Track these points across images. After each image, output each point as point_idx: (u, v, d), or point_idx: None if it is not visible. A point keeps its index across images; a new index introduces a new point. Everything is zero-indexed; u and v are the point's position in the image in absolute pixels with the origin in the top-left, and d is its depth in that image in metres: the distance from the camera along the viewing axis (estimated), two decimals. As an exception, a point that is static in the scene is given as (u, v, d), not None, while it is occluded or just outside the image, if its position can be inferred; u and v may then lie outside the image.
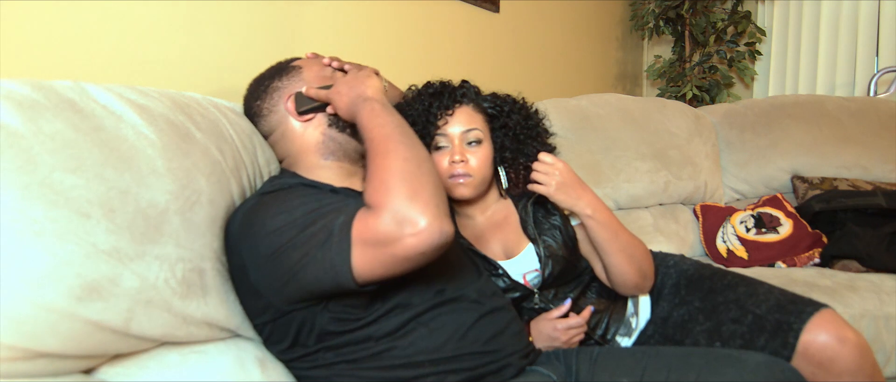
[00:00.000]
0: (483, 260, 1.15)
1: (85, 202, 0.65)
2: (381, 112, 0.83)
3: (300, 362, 0.85)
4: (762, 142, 2.07)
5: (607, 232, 1.08)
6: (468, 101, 1.17)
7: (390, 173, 0.73)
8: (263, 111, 1.00)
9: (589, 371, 1.02)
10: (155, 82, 1.10)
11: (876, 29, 2.58)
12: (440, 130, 1.13)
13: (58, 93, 0.71)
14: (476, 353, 0.87)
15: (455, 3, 1.92)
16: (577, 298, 1.16)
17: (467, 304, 0.91)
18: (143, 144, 0.76)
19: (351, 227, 0.72)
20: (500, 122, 1.18)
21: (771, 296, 1.08)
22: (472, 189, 1.13)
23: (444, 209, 0.73)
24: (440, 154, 1.13)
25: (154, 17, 1.14)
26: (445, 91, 1.16)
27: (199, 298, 0.77)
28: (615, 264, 1.10)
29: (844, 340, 0.98)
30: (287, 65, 1.02)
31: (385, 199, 0.71)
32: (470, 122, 1.14)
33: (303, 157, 0.97)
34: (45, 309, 0.61)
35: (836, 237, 1.74)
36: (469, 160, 1.11)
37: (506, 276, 1.14)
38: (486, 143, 1.15)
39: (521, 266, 1.15)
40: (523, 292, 1.14)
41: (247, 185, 0.94)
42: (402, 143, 0.77)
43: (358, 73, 0.92)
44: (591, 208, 1.07)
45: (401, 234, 0.69)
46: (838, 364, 0.97)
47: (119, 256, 0.67)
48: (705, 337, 1.09)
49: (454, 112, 1.14)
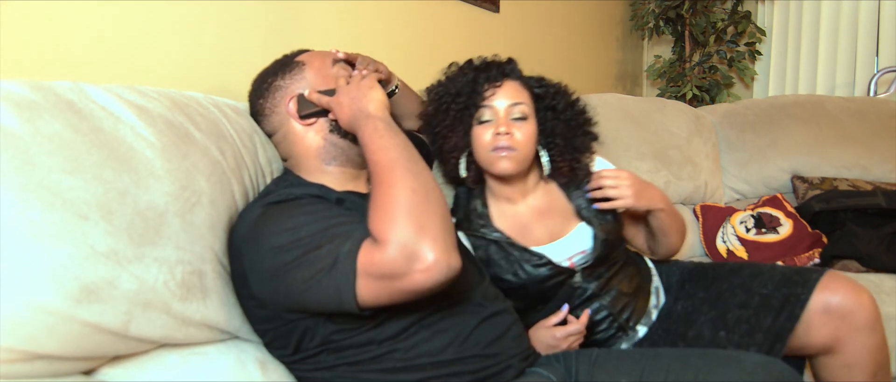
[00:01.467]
0: (523, 252, 1.12)
1: (83, 203, 0.65)
2: (384, 132, 0.80)
3: (301, 364, 0.85)
4: (762, 142, 2.07)
5: (672, 220, 1.18)
6: (515, 77, 1.16)
7: (396, 205, 0.71)
8: (266, 110, 0.99)
9: (588, 372, 1.02)
10: (155, 81, 1.10)
11: (876, 29, 2.58)
12: (486, 102, 1.11)
13: (56, 94, 0.71)
14: (477, 356, 0.87)
15: (455, 3, 1.92)
16: (610, 279, 1.17)
17: (470, 308, 0.91)
18: (141, 145, 0.75)
19: (356, 258, 0.71)
20: (545, 103, 1.16)
21: (776, 273, 1.10)
22: (515, 163, 1.10)
23: (453, 242, 0.72)
24: (483, 127, 1.11)
25: (154, 17, 1.13)
26: (493, 65, 1.16)
27: (199, 301, 0.77)
28: (672, 244, 1.22)
29: (859, 294, 1.05)
30: (290, 60, 1.00)
31: (392, 233, 0.69)
32: (517, 97, 1.12)
33: (305, 161, 0.96)
34: (43, 312, 0.61)
35: (836, 237, 1.73)
36: (514, 133, 1.09)
37: (549, 264, 1.12)
38: (531, 121, 1.13)
39: (567, 248, 1.15)
40: (567, 275, 1.14)
41: (249, 185, 0.93)
42: (408, 172, 0.75)
43: (360, 84, 0.89)
44: (664, 202, 1.16)
45: (408, 270, 0.68)
46: (858, 317, 1.03)
47: (117, 258, 0.67)
48: (709, 327, 1.09)
49: (502, 84, 1.12)
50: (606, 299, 1.15)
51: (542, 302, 1.17)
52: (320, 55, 1.00)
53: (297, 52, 1.02)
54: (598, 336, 1.17)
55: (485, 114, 1.11)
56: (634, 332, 1.17)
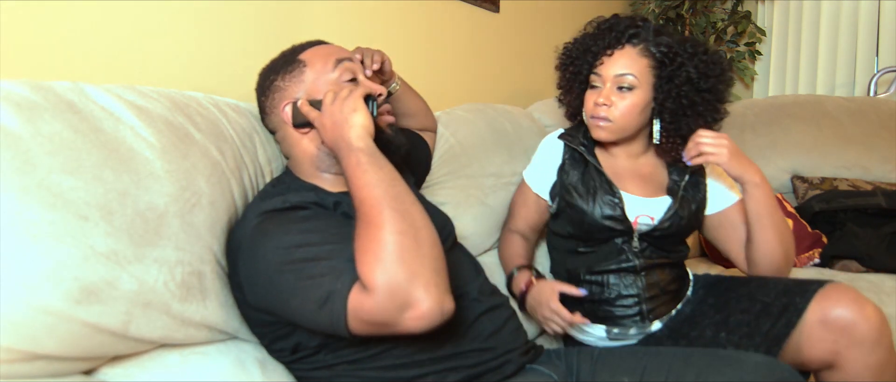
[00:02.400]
0: (605, 184, 1.17)
1: (83, 204, 0.65)
2: (368, 167, 0.76)
3: (300, 363, 0.85)
4: (762, 142, 2.07)
5: (769, 204, 1.10)
6: (637, 42, 1.14)
7: (384, 250, 0.68)
8: (267, 109, 0.97)
9: (590, 370, 1.02)
10: (154, 81, 1.10)
11: (876, 29, 2.57)
12: (596, 69, 1.15)
13: (56, 94, 0.71)
14: (475, 350, 0.88)
15: (455, 3, 1.92)
16: (656, 266, 1.18)
17: (467, 303, 0.91)
18: (141, 146, 0.75)
19: (346, 301, 0.69)
20: (667, 72, 1.13)
21: (780, 285, 1.10)
22: (609, 133, 1.15)
23: (445, 284, 0.70)
24: (591, 92, 1.17)
25: (153, 17, 1.13)
26: (614, 29, 1.15)
27: (199, 301, 0.77)
28: (767, 240, 1.12)
29: (863, 307, 0.99)
30: (293, 58, 0.96)
31: (381, 281, 0.66)
32: (628, 66, 1.13)
33: (301, 164, 0.95)
34: (43, 312, 0.61)
35: (836, 237, 1.73)
36: (615, 104, 1.12)
37: (620, 206, 1.15)
38: (640, 91, 1.13)
39: (641, 207, 1.17)
40: (625, 227, 1.16)
41: (248, 186, 0.93)
42: (395, 211, 0.71)
43: (343, 104, 0.84)
44: (759, 176, 1.10)
45: (400, 318, 0.67)
46: (859, 331, 0.98)
47: (117, 259, 0.67)
48: (712, 329, 1.10)
49: (614, 53, 1.14)
50: (642, 280, 1.17)
51: (588, 243, 1.19)
52: (323, 55, 0.95)
53: (303, 45, 0.98)
54: (617, 310, 1.17)
55: (595, 81, 1.16)
56: (649, 324, 1.18)
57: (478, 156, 1.39)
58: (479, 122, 1.46)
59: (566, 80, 1.23)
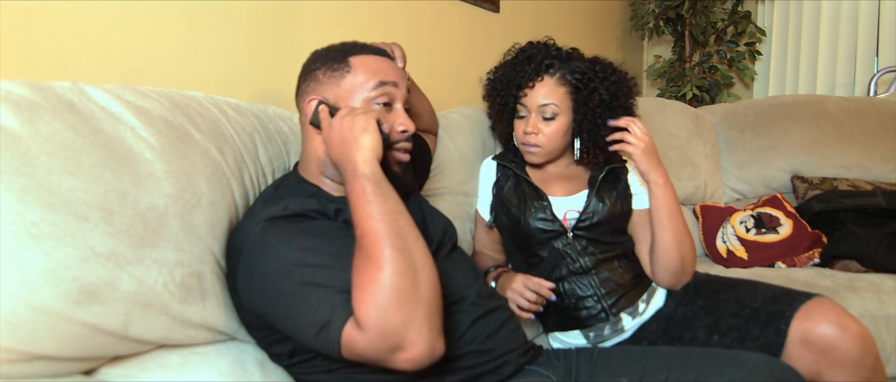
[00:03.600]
0: (535, 191, 1.27)
1: (83, 205, 0.65)
2: (372, 197, 0.74)
3: (299, 367, 0.85)
4: (762, 142, 2.07)
5: (670, 207, 1.18)
6: (554, 72, 1.22)
7: (381, 291, 0.67)
8: (300, 91, 0.94)
9: (589, 371, 1.02)
10: (154, 82, 1.10)
11: (876, 29, 2.57)
12: (520, 100, 1.24)
13: (56, 95, 0.71)
14: (473, 353, 0.88)
15: (455, 3, 1.92)
16: (603, 262, 1.24)
17: (465, 306, 0.91)
18: (141, 147, 0.75)
19: (340, 335, 0.69)
20: (583, 96, 1.22)
21: (768, 291, 1.13)
22: (540, 157, 1.26)
23: (439, 327, 0.71)
24: (519, 121, 1.27)
25: (154, 17, 1.13)
26: (533, 61, 1.23)
27: (198, 302, 0.77)
28: (664, 241, 1.19)
29: (845, 328, 0.98)
30: (344, 58, 0.91)
31: (375, 322, 0.66)
32: (549, 96, 1.22)
33: (308, 163, 0.94)
34: (43, 312, 0.61)
35: (836, 237, 1.73)
36: (541, 131, 1.22)
37: (549, 208, 1.25)
38: (561, 117, 1.23)
39: (567, 204, 1.26)
40: (557, 227, 1.24)
41: (249, 185, 0.93)
42: (396, 250, 0.69)
43: (354, 122, 0.80)
44: (663, 179, 1.19)
45: (390, 358, 0.67)
46: (840, 352, 0.97)
47: (117, 260, 0.67)
48: (704, 331, 1.13)
49: (535, 85, 1.22)
50: (595, 279, 1.22)
51: (534, 254, 1.26)
52: (371, 69, 0.90)
53: (360, 47, 0.94)
54: (582, 313, 1.22)
55: (521, 111, 1.26)
56: (617, 319, 1.21)
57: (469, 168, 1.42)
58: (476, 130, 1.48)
59: (495, 111, 1.31)
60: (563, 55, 1.25)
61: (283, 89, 1.39)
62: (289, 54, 1.40)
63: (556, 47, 1.27)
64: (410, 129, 0.91)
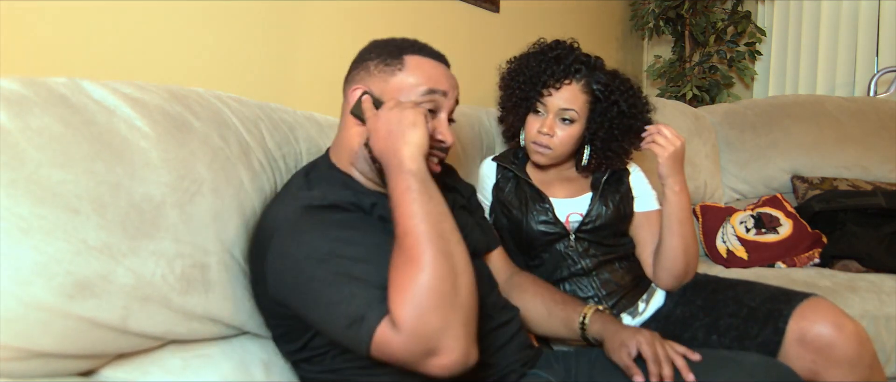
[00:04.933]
0: (537, 193, 1.26)
1: (73, 197, 0.64)
2: (417, 196, 0.72)
3: (307, 364, 0.84)
4: (762, 142, 2.07)
5: (682, 214, 1.17)
6: (580, 78, 1.22)
7: (421, 291, 0.65)
8: (349, 78, 0.92)
9: (588, 372, 1.01)
10: (154, 81, 1.09)
11: (876, 29, 2.57)
12: (542, 98, 1.22)
13: (49, 89, 0.70)
14: (482, 365, 0.87)
15: (455, 3, 1.91)
16: (604, 263, 1.24)
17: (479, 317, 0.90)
18: (135, 137, 0.74)
19: (374, 333, 0.67)
20: (602, 106, 1.22)
21: (766, 291, 1.13)
22: (548, 159, 1.25)
23: (473, 333, 0.69)
24: (534, 117, 1.24)
25: (153, 17, 1.13)
26: (562, 62, 1.22)
27: (201, 294, 0.75)
28: (672, 247, 1.18)
29: (841, 327, 0.98)
30: (399, 54, 0.88)
31: (413, 324, 0.64)
32: (571, 102, 1.21)
33: (340, 151, 0.91)
34: (36, 308, 0.60)
35: (836, 237, 1.73)
36: (556, 134, 1.21)
37: (551, 211, 1.24)
38: (578, 124, 1.22)
39: (569, 206, 1.26)
40: (560, 229, 1.24)
41: (259, 168, 0.90)
42: (439, 252, 0.68)
43: (403, 116, 0.78)
44: (680, 186, 1.18)
45: (423, 362, 0.66)
46: (837, 352, 0.97)
47: (111, 252, 0.66)
48: (703, 331, 1.13)
49: (561, 87, 1.21)
50: (596, 280, 1.23)
51: (536, 256, 1.25)
52: (425, 73, 0.87)
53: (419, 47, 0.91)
54: None
55: (539, 107, 1.23)
56: (618, 319, 1.19)
57: (467, 167, 1.40)
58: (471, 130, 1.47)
59: (512, 103, 1.29)
60: (590, 62, 1.24)
61: (283, 89, 1.39)
62: (289, 54, 1.40)
63: (583, 52, 1.26)
64: (448, 141, 0.88)
